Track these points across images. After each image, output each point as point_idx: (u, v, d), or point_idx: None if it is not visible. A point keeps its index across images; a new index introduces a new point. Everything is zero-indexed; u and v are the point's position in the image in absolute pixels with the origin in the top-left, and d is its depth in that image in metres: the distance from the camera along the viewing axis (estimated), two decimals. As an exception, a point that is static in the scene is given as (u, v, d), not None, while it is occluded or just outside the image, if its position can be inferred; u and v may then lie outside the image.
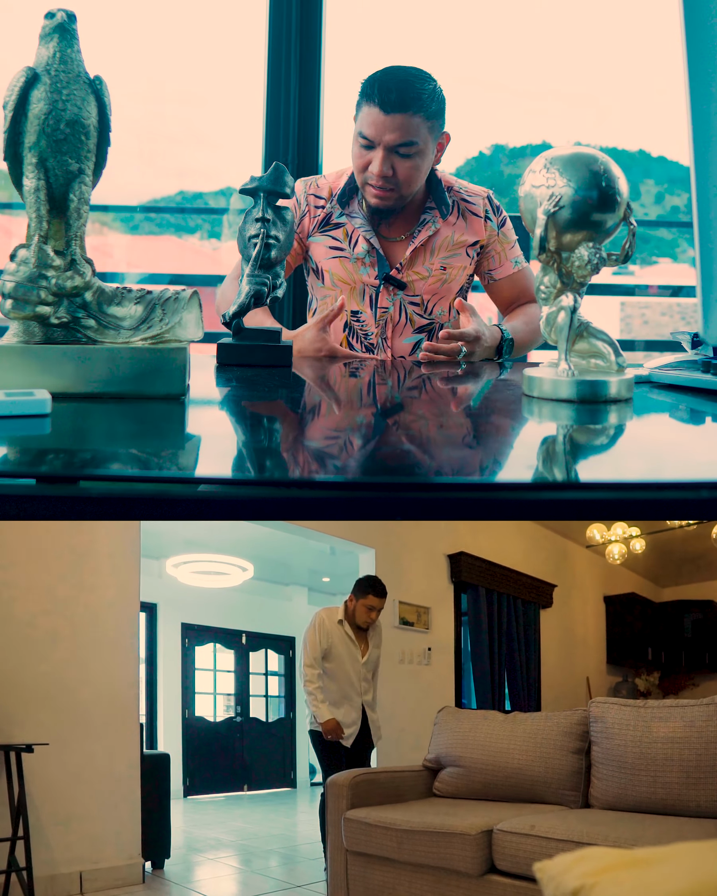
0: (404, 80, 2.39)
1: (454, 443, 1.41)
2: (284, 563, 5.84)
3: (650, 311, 14.38)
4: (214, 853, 3.77)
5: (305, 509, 1.20)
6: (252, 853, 3.81)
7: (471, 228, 2.55)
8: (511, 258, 2.63)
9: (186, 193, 8.34)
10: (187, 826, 4.56)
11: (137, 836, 2.89)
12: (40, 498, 1.13)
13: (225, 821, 4.89)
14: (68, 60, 1.58)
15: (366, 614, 2.98)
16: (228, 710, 6.38)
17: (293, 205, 2.64)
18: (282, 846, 3.98)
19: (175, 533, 4.91)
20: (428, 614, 3.82)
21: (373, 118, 2.39)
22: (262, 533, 4.10)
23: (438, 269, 2.54)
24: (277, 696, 6.75)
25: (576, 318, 1.68)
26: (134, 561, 2.96)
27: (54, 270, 1.61)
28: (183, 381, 1.62)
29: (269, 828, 4.59)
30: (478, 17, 10.17)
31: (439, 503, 1.19)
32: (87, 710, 2.79)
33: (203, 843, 4.02)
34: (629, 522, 4.54)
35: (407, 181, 2.45)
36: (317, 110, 3.46)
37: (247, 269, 2.10)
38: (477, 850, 1.85)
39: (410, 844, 1.97)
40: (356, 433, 1.48)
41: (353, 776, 2.26)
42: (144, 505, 1.14)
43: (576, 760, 2.15)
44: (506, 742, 2.28)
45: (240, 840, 4.18)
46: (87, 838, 2.75)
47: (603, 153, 1.65)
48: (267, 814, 5.26)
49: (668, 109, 10.10)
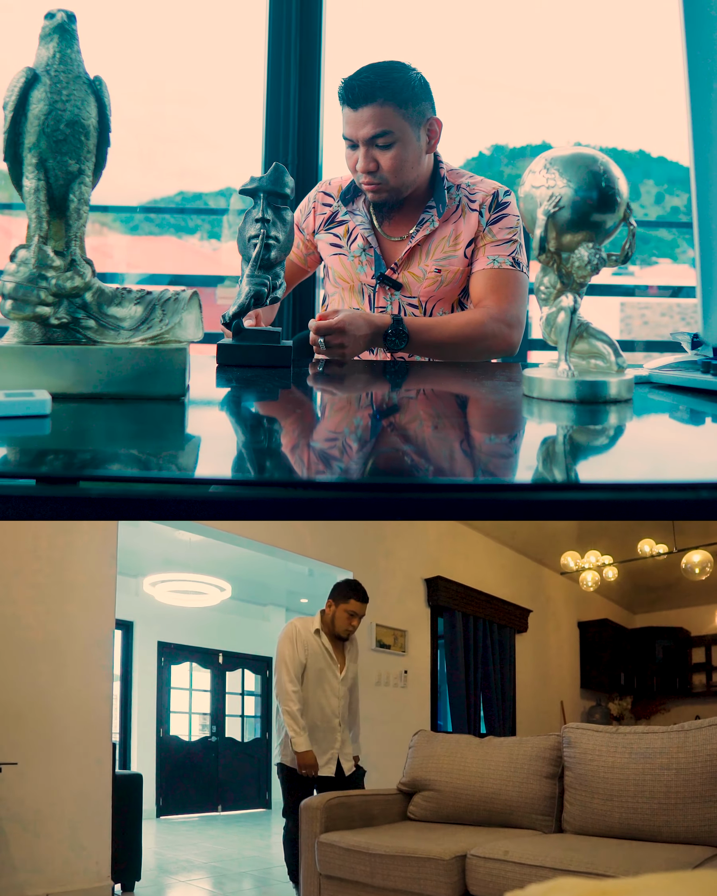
0: (369, 74, 2.41)
1: (454, 444, 1.41)
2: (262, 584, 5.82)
3: (650, 311, 14.39)
4: (186, 875, 3.69)
5: (305, 510, 1.20)
6: (225, 875, 3.73)
7: (467, 225, 2.49)
8: (490, 255, 2.47)
9: (185, 194, 8.33)
10: (159, 847, 4.49)
11: (106, 858, 2.79)
12: (40, 498, 1.13)
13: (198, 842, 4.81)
14: (68, 61, 1.58)
15: (347, 621, 2.66)
16: (203, 730, 6.34)
17: (304, 204, 2.65)
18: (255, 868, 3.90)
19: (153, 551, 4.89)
20: (405, 637, 3.83)
21: (347, 118, 2.43)
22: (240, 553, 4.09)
23: (432, 272, 2.49)
24: (253, 716, 6.72)
25: (576, 318, 1.68)
26: (110, 578, 2.90)
27: (54, 271, 1.61)
28: (183, 382, 1.62)
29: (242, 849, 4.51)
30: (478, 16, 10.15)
31: (439, 504, 1.19)
32: (58, 729, 2.72)
33: (175, 865, 3.94)
34: (601, 551, 4.66)
35: (392, 171, 2.43)
36: (317, 110, 3.46)
37: (247, 270, 2.10)
38: (451, 876, 1.85)
39: (383, 869, 1.96)
40: (355, 434, 1.48)
41: (326, 799, 2.24)
42: (143, 505, 1.14)
43: (549, 785, 2.17)
44: (480, 766, 2.29)
45: (212, 862, 4.10)
46: (55, 860, 2.66)
47: (603, 153, 1.65)
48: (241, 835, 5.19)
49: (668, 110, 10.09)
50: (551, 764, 2.18)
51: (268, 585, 5.86)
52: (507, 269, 2.47)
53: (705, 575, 4.26)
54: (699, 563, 4.22)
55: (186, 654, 6.14)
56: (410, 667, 3.85)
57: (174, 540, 4.45)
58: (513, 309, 2.45)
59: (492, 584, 4.23)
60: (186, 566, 5.16)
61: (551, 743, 2.21)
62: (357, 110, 2.39)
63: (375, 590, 3.68)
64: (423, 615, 3.91)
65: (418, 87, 2.43)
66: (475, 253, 2.49)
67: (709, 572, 4.25)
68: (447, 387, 2.03)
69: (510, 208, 2.50)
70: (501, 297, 2.45)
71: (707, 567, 4.22)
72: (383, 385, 2.05)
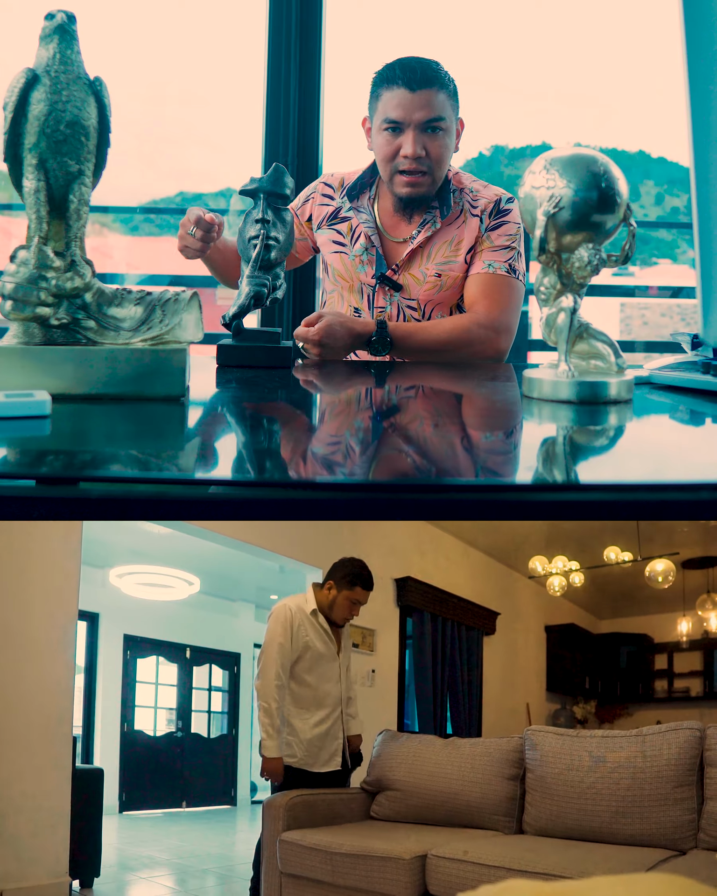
0: (421, 61, 2.41)
1: (454, 444, 1.41)
2: (231, 579, 5.77)
3: (650, 312, 14.39)
4: (148, 872, 3.65)
5: (304, 510, 1.20)
6: (187, 872, 3.70)
7: (469, 231, 2.48)
8: (486, 259, 2.45)
9: (186, 194, 8.31)
10: (121, 843, 4.43)
11: (64, 854, 2.72)
12: (40, 499, 1.13)
13: (161, 838, 4.77)
14: (68, 61, 1.58)
15: (348, 610, 2.46)
16: (168, 725, 6.31)
17: (303, 192, 2.63)
18: (219, 865, 3.87)
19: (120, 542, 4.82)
20: (373, 636, 3.83)
21: (399, 99, 2.38)
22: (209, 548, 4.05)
23: (432, 276, 2.48)
24: (220, 711, 6.69)
25: (576, 319, 1.67)
26: (74, 567, 2.84)
27: (54, 272, 1.61)
28: (183, 383, 1.62)
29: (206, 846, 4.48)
30: (479, 18, 10.15)
31: (438, 504, 1.19)
32: (16, 721, 2.65)
33: (137, 862, 3.90)
34: (569, 556, 4.71)
35: (439, 160, 2.41)
36: (317, 111, 3.46)
37: (247, 271, 2.10)
38: (411, 875, 1.87)
39: (344, 868, 1.98)
40: (355, 435, 1.48)
41: (289, 798, 2.24)
42: (143, 506, 1.14)
43: (511, 787, 2.19)
44: (443, 767, 2.31)
45: (175, 858, 4.06)
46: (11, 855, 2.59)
47: (603, 154, 1.65)
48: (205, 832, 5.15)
49: (668, 110, 10.10)
50: (513, 766, 2.20)
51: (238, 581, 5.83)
52: (501, 274, 2.44)
53: (667, 584, 4.40)
54: (662, 572, 4.35)
55: (152, 648, 6.10)
56: (377, 666, 3.85)
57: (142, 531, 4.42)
58: (503, 315, 2.41)
59: (461, 586, 4.25)
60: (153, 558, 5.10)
61: (514, 745, 2.23)
62: (415, 92, 2.37)
63: None
64: (392, 615, 3.92)
65: (455, 85, 2.45)
66: (473, 257, 2.48)
67: (671, 581, 4.40)
68: (445, 388, 2.03)
69: (511, 215, 2.47)
70: (492, 302, 2.42)
71: (670, 576, 4.37)
72: (380, 388, 2.05)
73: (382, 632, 3.86)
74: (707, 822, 1.89)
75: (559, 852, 1.85)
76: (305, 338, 2.22)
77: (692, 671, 5.65)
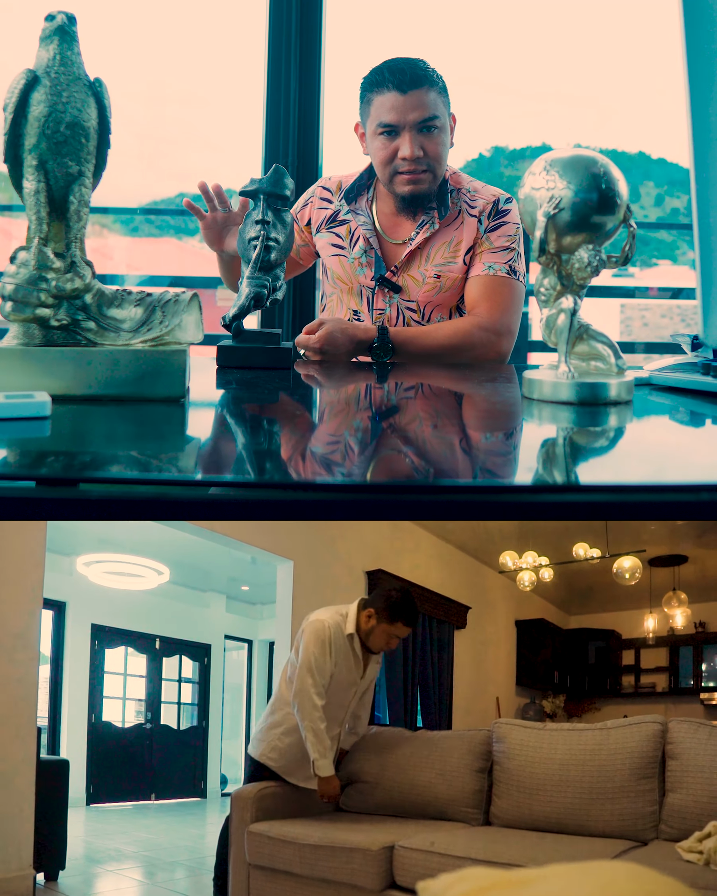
0: (408, 62, 2.41)
1: (453, 445, 1.41)
2: (202, 569, 5.71)
3: (650, 313, 14.40)
4: (116, 865, 3.60)
5: (304, 511, 1.20)
6: (156, 865, 3.66)
7: (467, 232, 2.48)
8: (486, 261, 2.45)
9: (186, 195, 8.36)
10: (88, 836, 4.37)
11: (29, 846, 2.67)
12: (40, 500, 1.13)
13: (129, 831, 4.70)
14: (68, 63, 1.58)
15: (386, 642, 2.30)
16: (137, 716, 6.25)
17: (302, 196, 2.63)
18: (188, 858, 3.83)
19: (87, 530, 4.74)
20: None
21: (392, 102, 2.39)
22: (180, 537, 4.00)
23: (432, 277, 2.48)
24: (190, 703, 6.64)
25: (576, 320, 1.67)
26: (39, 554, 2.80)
27: (54, 273, 1.61)
28: (183, 384, 1.62)
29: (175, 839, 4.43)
30: (479, 18, 10.17)
31: (437, 505, 1.19)
32: None
33: (103, 854, 3.83)
34: (538, 552, 4.73)
35: (437, 158, 2.42)
36: (317, 112, 3.46)
37: (247, 272, 2.10)
38: (378, 866, 1.88)
39: (311, 859, 1.98)
40: (355, 436, 1.48)
41: (258, 789, 2.24)
42: (143, 507, 1.14)
43: (479, 779, 2.21)
44: (412, 759, 2.32)
45: (143, 851, 4.01)
46: None
47: (603, 155, 1.65)
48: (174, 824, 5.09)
49: (668, 111, 10.10)
50: (480, 758, 2.22)
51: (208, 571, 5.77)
52: (502, 276, 2.45)
53: (634, 580, 4.47)
54: (630, 569, 4.43)
55: (121, 638, 6.02)
56: None
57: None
58: (504, 318, 2.42)
59: (433, 579, 4.26)
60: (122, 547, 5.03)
61: (481, 738, 2.25)
62: (406, 94, 2.37)
63: (315, 580, 3.71)
64: None
65: (444, 81, 2.45)
66: (472, 259, 2.48)
67: (638, 578, 4.47)
68: (445, 388, 2.03)
69: (510, 216, 2.48)
70: (493, 304, 2.42)
71: (637, 573, 4.44)
72: (380, 388, 2.05)
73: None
74: (668, 814, 1.94)
75: (524, 843, 1.89)
76: (306, 345, 2.23)
77: (659, 667, 5.76)
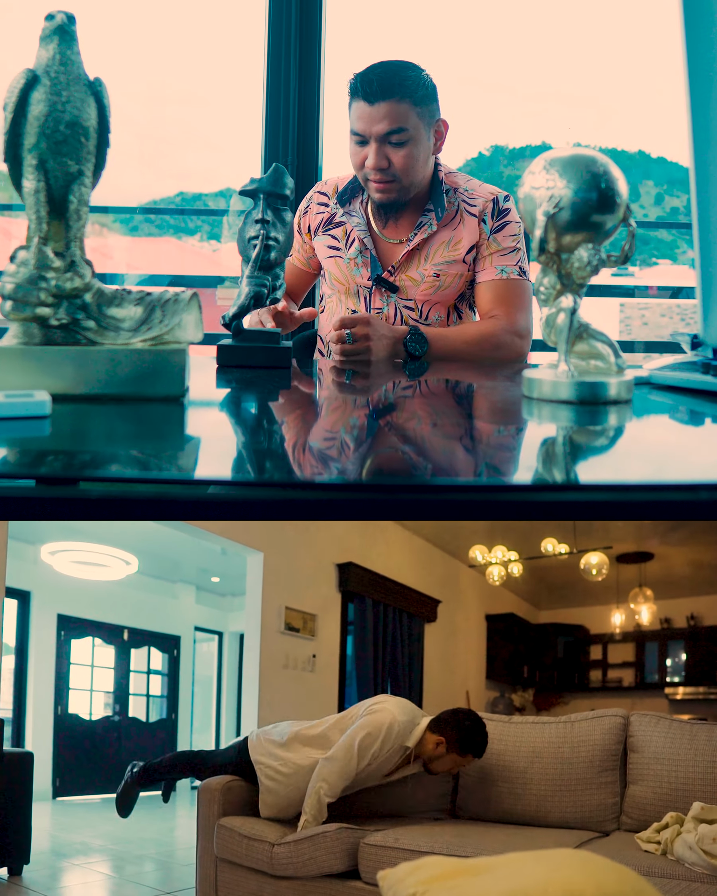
0: (385, 70, 2.40)
1: (453, 444, 1.41)
2: (171, 560, 5.63)
3: (650, 312, 14.39)
4: (82, 858, 3.52)
5: (304, 510, 1.20)
6: (124, 859, 3.59)
7: (467, 231, 2.48)
8: (497, 265, 2.48)
9: (185, 195, 8.34)
10: (54, 829, 4.29)
11: None
12: (40, 499, 1.13)
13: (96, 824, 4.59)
14: (68, 62, 1.58)
15: (450, 769, 2.14)
16: (105, 708, 6.11)
17: (302, 205, 2.65)
18: (158, 851, 3.77)
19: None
20: (314, 621, 3.81)
21: (360, 112, 2.40)
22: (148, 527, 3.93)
23: (431, 276, 2.49)
24: (159, 695, 6.52)
25: (575, 319, 1.68)
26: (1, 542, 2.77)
27: (54, 272, 1.61)
28: (182, 383, 1.62)
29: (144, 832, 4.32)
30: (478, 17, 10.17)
31: (436, 505, 1.19)
32: None
33: (70, 848, 3.75)
34: (508, 546, 4.72)
35: (404, 170, 2.42)
36: (317, 111, 3.46)
37: (247, 271, 2.10)
38: (344, 862, 1.89)
39: (280, 853, 1.99)
40: (353, 435, 1.48)
41: (225, 782, 2.24)
42: (142, 506, 1.14)
43: (445, 773, 2.21)
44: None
45: (111, 845, 3.92)
46: None
47: (603, 154, 1.65)
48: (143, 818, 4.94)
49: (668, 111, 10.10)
50: None
51: (178, 562, 5.70)
52: (515, 279, 2.49)
53: (601, 576, 4.47)
54: (597, 565, 4.44)
55: (88, 629, 5.90)
56: (318, 651, 3.83)
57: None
58: (522, 319, 2.48)
59: (403, 572, 4.25)
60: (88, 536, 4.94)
61: None
62: (373, 105, 2.37)
63: (285, 572, 3.71)
64: (333, 600, 3.89)
65: (430, 88, 2.44)
66: (480, 262, 2.50)
67: (605, 574, 4.48)
68: (444, 388, 2.03)
69: (511, 214, 2.50)
70: (511, 308, 2.47)
71: (604, 569, 4.45)
72: (382, 387, 2.05)
73: (323, 617, 3.85)
74: (629, 805, 1.98)
75: (487, 835, 1.91)
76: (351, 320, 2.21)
77: (625, 662, 5.81)
